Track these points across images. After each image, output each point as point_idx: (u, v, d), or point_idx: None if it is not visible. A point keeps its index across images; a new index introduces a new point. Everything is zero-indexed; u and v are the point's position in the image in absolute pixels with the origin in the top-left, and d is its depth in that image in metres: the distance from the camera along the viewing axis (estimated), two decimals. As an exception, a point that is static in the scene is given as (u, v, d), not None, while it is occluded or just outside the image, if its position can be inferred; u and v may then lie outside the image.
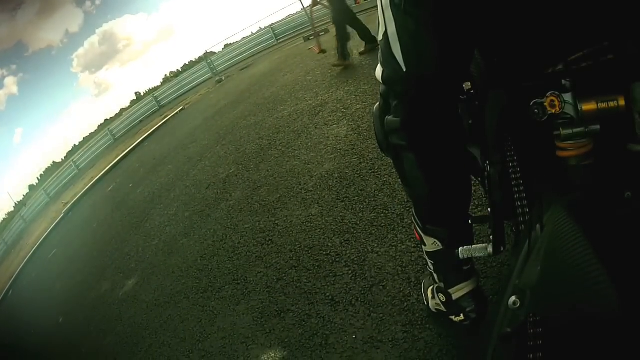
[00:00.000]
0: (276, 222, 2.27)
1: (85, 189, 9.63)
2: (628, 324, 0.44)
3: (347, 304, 1.47)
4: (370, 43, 4.66)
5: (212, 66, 15.16)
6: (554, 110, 0.61)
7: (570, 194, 0.64)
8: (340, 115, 3.23)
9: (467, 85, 0.93)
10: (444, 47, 0.71)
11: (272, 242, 2.12)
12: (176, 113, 11.01)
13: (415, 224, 1.06)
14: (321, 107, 3.63)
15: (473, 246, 0.89)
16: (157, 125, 10.78)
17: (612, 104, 0.58)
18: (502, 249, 0.83)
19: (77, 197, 9.55)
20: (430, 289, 1.19)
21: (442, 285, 1.09)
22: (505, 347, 0.55)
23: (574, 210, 0.58)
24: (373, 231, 1.75)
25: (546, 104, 0.61)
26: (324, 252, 1.80)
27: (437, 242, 1.01)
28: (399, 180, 1.03)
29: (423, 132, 0.85)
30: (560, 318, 0.52)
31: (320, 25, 8.08)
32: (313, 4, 4.69)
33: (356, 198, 2.05)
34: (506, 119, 0.76)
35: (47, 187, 16.41)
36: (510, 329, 0.54)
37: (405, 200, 1.80)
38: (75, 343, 2.77)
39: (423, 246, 1.06)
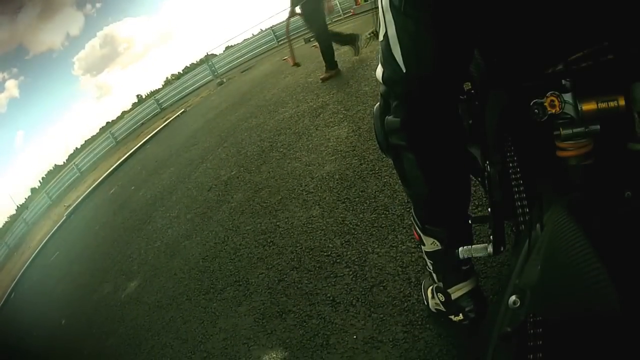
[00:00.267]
0: (277, 223, 2.28)
1: (87, 191, 9.64)
2: (628, 323, 0.44)
3: (347, 304, 1.48)
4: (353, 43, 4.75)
5: (213, 68, 15.25)
6: (554, 110, 0.61)
7: (570, 194, 0.65)
8: (341, 116, 3.24)
9: (467, 85, 0.93)
10: (443, 49, 0.72)
11: (273, 243, 2.13)
12: (177, 115, 11.04)
13: (414, 224, 1.07)
14: (322, 109, 3.64)
15: (473, 246, 0.89)
16: (159, 128, 10.81)
17: (612, 104, 0.58)
18: (502, 249, 0.83)
19: (79, 199, 9.55)
20: (430, 288, 1.19)
21: (441, 285, 1.10)
22: (505, 347, 0.56)
23: (574, 210, 0.58)
24: (374, 232, 1.76)
25: (546, 104, 0.61)
26: (325, 253, 1.81)
27: (436, 242, 1.01)
28: (399, 181, 1.04)
29: (423, 132, 0.85)
30: (560, 317, 0.52)
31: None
32: (290, 14, 4.61)
33: (357, 199, 2.06)
34: (506, 119, 0.77)
35: (49, 189, 16.46)
36: (510, 328, 0.55)
37: (406, 201, 1.81)
38: (77, 345, 2.77)
39: (422, 246, 1.07)
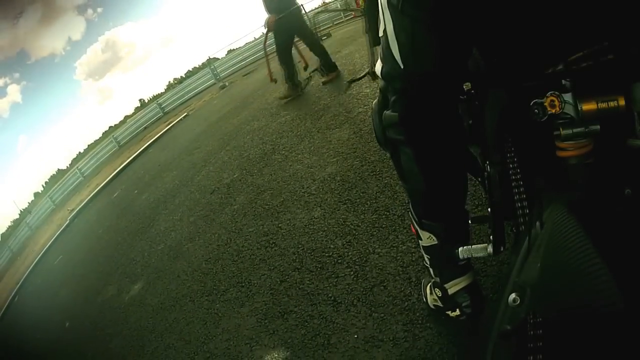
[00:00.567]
0: (279, 225, 2.30)
1: (90, 195, 9.65)
2: (628, 319, 0.45)
3: (348, 304, 1.49)
4: (332, 70, 4.63)
5: (215, 72, 15.27)
6: (554, 110, 0.62)
7: (570, 192, 0.65)
8: (343, 119, 3.26)
9: (467, 85, 0.94)
10: (440, 47, 0.73)
11: (275, 245, 2.15)
12: (180, 119, 11.05)
13: (411, 219, 1.08)
14: (324, 111, 3.66)
15: (473, 246, 0.91)
16: (162, 132, 10.82)
17: (612, 104, 0.59)
18: (502, 249, 0.84)
19: (82, 204, 9.55)
20: (429, 285, 1.21)
21: (438, 280, 1.11)
22: (505, 345, 0.56)
23: (573, 208, 0.58)
24: (374, 232, 1.77)
25: (546, 104, 0.62)
26: (327, 254, 1.83)
27: (432, 236, 1.03)
28: (399, 180, 1.05)
29: (420, 127, 0.87)
30: (560, 315, 0.53)
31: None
32: (268, 29, 4.49)
33: (358, 200, 2.07)
34: (506, 119, 0.78)
35: (52, 194, 16.51)
36: (510, 326, 0.55)
37: (406, 202, 1.81)
38: (81, 347, 2.79)
39: (419, 241, 1.08)
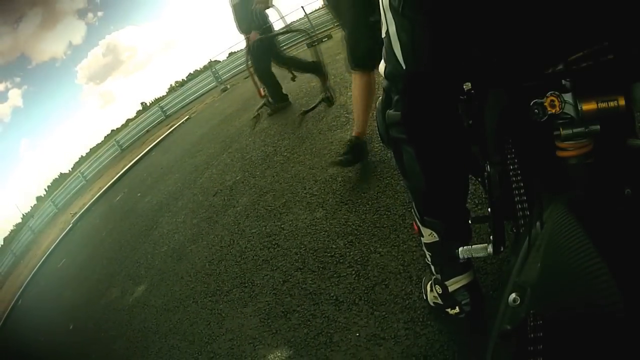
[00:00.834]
0: (282, 226, 2.31)
1: (93, 199, 9.68)
2: (628, 319, 0.45)
3: (350, 303, 1.50)
4: (281, 101, 4.60)
5: (217, 75, 15.29)
6: (554, 110, 0.62)
7: (570, 192, 0.65)
8: (344, 120, 3.27)
9: (467, 85, 0.95)
10: (440, 48, 0.74)
11: (278, 245, 2.16)
12: (182, 122, 11.09)
13: (414, 216, 1.09)
14: (325, 113, 3.67)
15: (473, 246, 0.92)
16: (164, 135, 10.85)
17: (612, 103, 0.59)
18: (502, 248, 0.85)
19: (85, 207, 9.59)
20: (429, 282, 1.22)
21: (439, 277, 1.12)
22: (505, 345, 0.56)
23: (573, 207, 0.59)
24: (376, 232, 1.79)
25: (546, 104, 0.62)
26: (329, 254, 1.84)
27: (434, 233, 1.04)
28: (401, 182, 1.07)
29: (422, 126, 0.89)
30: (560, 314, 0.53)
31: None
32: (249, 45, 4.28)
33: (359, 201, 2.09)
34: (506, 119, 0.78)
35: (55, 198, 16.55)
36: (510, 326, 0.55)
37: (407, 201, 1.83)
38: (85, 349, 2.80)
39: (421, 238, 1.09)
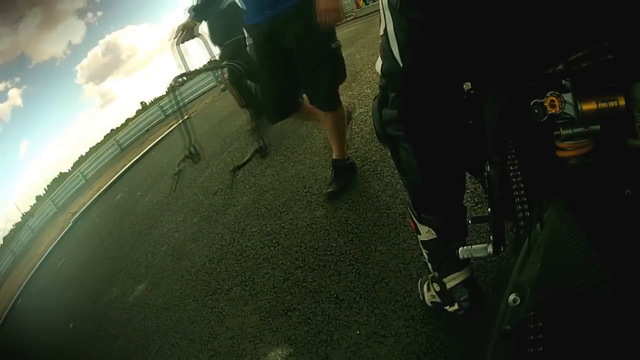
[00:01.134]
0: (282, 224, 2.32)
1: (93, 198, 9.68)
2: (627, 318, 0.46)
3: (351, 301, 1.51)
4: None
5: (217, 74, 15.26)
6: (554, 110, 0.62)
7: (570, 192, 0.65)
8: (344, 120, 3.27)
9: (467, 85, 0.95)
10: (438, 46, 0.75)
11: (278, 244, 2.17)
12: (182, 122, 11.08)
13: (411, 214, 1.10)
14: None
15: (473, 246, 0.92)
16: (164, 134, 10.87)
17: (612, 103, 0.59)
18: (502, 249, 0.86)
19: (85, 206, 9.60)
20: (426, 282, 1.22)
21: (436, 274, 1.12)
22: (505, 345, 0.56)
23: (573, 208, 0.59)
24: (376, 230, 1.79)
25: (546, 104, 0.62)
26: (329, 252, 1.85)
27: (431, 230, 1.04)
28: (400, 180, 1.07)
29: (418, 123, 0.89)
30: (560, 314, 0.53)
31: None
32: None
33: (359, 199, 2.09)
34: (506, 119, 0.78)
35: (55, 197, 16.56)
36: (510, 326, 0.55)
37: (407, 199, 1.84)
38: (85, 347, 2.81)
39: (418, 235, 1.10)
